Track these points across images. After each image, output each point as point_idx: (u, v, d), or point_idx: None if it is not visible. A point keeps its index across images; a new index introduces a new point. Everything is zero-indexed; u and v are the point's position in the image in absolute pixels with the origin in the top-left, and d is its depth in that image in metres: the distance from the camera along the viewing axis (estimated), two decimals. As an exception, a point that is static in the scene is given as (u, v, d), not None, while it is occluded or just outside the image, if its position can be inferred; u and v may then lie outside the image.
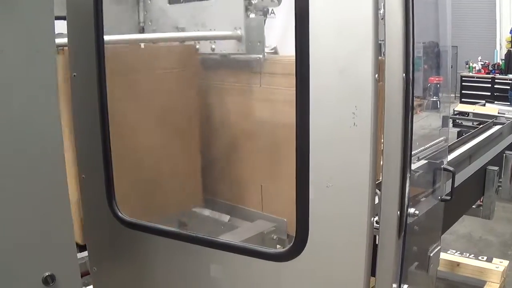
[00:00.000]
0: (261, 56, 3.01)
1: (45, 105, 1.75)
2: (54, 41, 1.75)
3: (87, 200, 2.67)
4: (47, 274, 1.78)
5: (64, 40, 2.52)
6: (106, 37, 2.49)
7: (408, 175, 2.09)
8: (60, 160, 1.82)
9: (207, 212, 3.34)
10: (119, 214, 2.58)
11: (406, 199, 2.09)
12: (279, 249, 2.70)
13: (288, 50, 2.02)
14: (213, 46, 3.13)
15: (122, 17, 3.42)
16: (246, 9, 2.97)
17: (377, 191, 1.99)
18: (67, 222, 1.86)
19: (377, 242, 2.03)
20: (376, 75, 1.79)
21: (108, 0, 3.06)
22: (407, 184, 2.10)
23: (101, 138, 2.52)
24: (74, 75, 2.53)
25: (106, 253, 2.71)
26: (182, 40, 3.26)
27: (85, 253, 2.76)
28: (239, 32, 2.97)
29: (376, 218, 2.00)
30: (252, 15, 3.33)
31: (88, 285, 2.82)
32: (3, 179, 1.67)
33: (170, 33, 3.31)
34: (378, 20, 1.78)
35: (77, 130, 2.58)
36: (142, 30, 3.50)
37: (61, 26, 2.41)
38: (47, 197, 1.79)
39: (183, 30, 3.25)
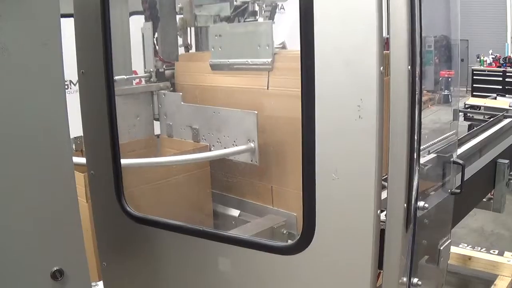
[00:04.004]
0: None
1: (52, 99, 1.76)
2: (60, 34, 1.75)
3: (96, 196, 2.69)
4: (55, 269, 1.79)
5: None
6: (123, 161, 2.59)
7: (416, 168, 2.09)
8: (67, 155, 1.83)
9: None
10: (128, 209, 2.60)
11: (413, 192, 2.08)
12: (286, 242, 2.70)
13: (297, 44, 2.02)
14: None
15: (137, 109, 3.50)
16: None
17: (385, 184, 1.99)
18: (75, 217, 1.87)
19: (385, 236, 2.04)
20: (381, 68, 1.78)
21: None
22: (416, 177, 2.10)
23: (109, 134, 2.53)
24: (82, 72, 2.55)
25: (115, 248, 2.73)
26: (199, 160, 3.30)
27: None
28: (252, 145, 3.02)
29: (384, 212, 2.01)
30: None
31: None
32: (11, 175, 1.69)
33: (187, 155, 3.34)
34: (382, 13, 1.77)
35: (86, 126, 2.60)
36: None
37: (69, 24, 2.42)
38: (55, 193, 1.80)
39: (197, 131, 3.33)
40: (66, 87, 1.86)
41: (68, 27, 2.39)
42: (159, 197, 3.12)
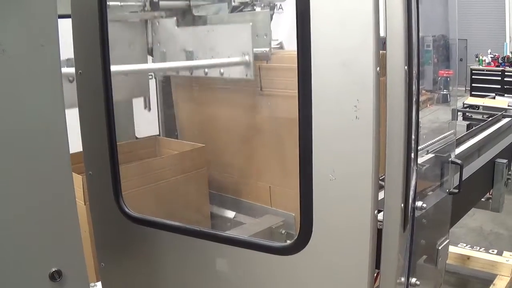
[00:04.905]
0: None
1: (50, 101, 1.76)
2: (58, 34, 1.75)
3: (94, 196, 2.68)
4: (54, 270, 1.78)
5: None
6: (113, 67, 2.54)
7: (414, 167, 2.09)
8: (65, 155, 1.82)
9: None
10: (126, 210, 2.59)
11: (411, 192, 2.08)
12: (283, 242, 2.70)
13: (295, 44, 2.03)
14: (222, 71, 3.17)
15: (131, 39, 3.45)
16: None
17: (382, 183, 1.99)
18: (73, 218, 1.86)
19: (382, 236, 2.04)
20: (378, 68, 1.78)
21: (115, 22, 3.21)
22: (413, 177, 2.10)
23: (107, 134, 2.53)
24: (79, 73, 2.54)
25: (113, 249, 2.72)
26: (192, 68, 3.28)
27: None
28: (247, 58, 3.00)
29: (382, 212, 2.01)
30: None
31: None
32: (8, 175, 1.68)
33: (181, 62, 3.34)
34: (379, 13, 1.77)
35: (83, 127, 2.59)
36: (150, 52, 3.55)
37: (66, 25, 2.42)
38: (53, 194, 1.79)
39: (191, 53, 3.30)
40: (63, 87, 1.86)
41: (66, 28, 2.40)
42: (155, 199, 3.12)
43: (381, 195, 2.00)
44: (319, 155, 1.93)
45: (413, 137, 2.02)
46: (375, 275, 2.05)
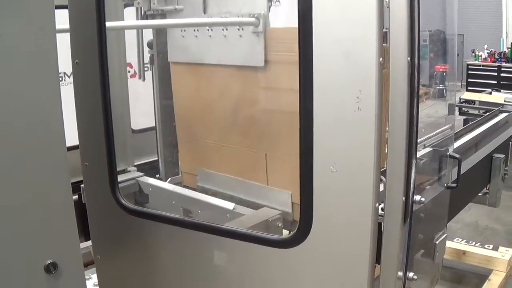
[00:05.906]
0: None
1: (46, 90, 1.74)
2: (54, 23, 1.73)
3: (90, 188, 2.66)
4: (49, 262, 1.77)
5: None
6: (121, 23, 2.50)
7: (413, 161, 2.08)
8: (61, 146, 1.80)
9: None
10: (122, 201, 2.57)
11: (411, 186, 2.07)
12: (283, 235, 2.69)
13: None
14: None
15: None
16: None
17: (382, 177, 1.97)
18: (68, 210, 1.85)
19: (382, 229, 2.02)
20: (381, 59, 1.76)
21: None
22: (413, 171, 2.08)
23: (104, 125, 2.51)
24: (76, 63, 2.52)
25: (109, 241, 2.71)
26: (196, 25, 3.25)
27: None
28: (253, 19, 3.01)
29: (382, 205, 1.99)
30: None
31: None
32: (3, 166, 1.66)
33: (182, 19, 3.32)
34: (383, 4, 1.75)
35: (80, 117, 2.57)
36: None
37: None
38: (48, 185, 1.77)
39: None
40: (60, 79, 1.84)
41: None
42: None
43: (380, 188, 1.99)
44: (320, 147, 1.91)
45: (414, 129, 2.01)
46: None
